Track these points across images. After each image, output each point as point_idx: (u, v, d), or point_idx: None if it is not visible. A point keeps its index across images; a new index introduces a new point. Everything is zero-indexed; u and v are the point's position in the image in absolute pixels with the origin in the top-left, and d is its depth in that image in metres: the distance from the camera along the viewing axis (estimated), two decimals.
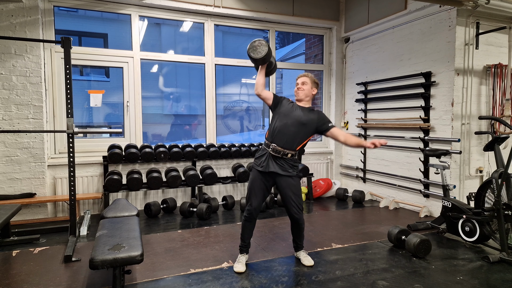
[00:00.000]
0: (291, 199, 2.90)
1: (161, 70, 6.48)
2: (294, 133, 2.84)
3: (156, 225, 4.26)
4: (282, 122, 2.85)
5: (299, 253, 3.16)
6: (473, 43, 4.32)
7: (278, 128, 2.85)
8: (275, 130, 2.85)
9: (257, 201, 2.91)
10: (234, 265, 2.98)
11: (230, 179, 5.18)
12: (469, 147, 4.43)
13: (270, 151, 2.84)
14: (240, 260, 3.00)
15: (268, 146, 2.87)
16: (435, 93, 4.52)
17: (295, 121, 2.84)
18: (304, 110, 2.91)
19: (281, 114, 2.88)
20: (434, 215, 4.53)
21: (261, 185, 2.90)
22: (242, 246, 3.06)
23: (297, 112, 2.88)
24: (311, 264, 3.03)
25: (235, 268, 2.93)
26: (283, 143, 2.82)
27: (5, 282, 2.73)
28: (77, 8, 4.91)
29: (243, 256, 3.04)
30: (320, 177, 6.16)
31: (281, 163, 2.85)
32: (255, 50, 2.87)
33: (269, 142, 2.88)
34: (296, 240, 3.14)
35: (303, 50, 7.40)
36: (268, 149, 2.87)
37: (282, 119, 2.86)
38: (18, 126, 4.27)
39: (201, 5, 5.13)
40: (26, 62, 4.27)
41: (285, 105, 2.92)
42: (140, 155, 4.70)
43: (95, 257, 2.18)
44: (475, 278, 2.80)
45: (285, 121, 2.84)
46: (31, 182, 4.37)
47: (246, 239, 3.03)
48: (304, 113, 2.88)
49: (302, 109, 2.92)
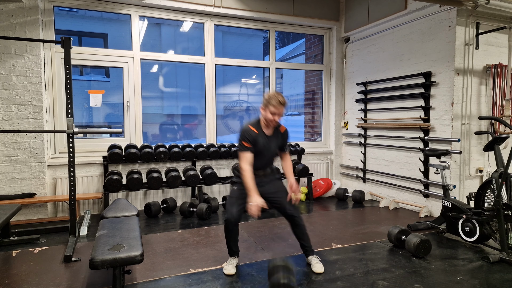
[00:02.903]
0: (284, 199, 2.94)
1: (161, 70, 6.48)
2: (270, 158, 3.00)
3: (156, 225, 4.26)
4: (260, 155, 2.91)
5: (311, 258, 3.03)
6: (473, 43, 4.32)
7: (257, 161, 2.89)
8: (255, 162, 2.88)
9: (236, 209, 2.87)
10: (224, 267, 2.95)
11: (230, 179, 5.18)
12: (469, 147, 4.43)
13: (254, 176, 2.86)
14: (231, 262, 2.98)
15: None
16: (435, 93, 4.52)
17: (270, 149, 2.95)
18: (273, 137, 2.95)
19: (258, 149, 2.88)
20: (434, 215, 4.53)
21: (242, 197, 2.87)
22: (229, 249, 3.02)
23: (269, 143, 2.93)
24: (321, 272, 2.92)
25: (225, 270, 2.90)
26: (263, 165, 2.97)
27: (5, 282, 2.73)
28: (77, 8, 4.91)
29: (234, 259, 3.01)
30: (320, 177, 6.16)
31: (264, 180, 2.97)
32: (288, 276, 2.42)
33: None
34: (302, 242, 3.03)
35: (303, 50, 7.40)
36: None
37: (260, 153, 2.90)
38: (18, 126, 4.27)
39: (201, 5, 5.13)
40: (26, 62, 4.27)
41: (258, 141, 2.87)
42: (140, 155, 4.70)
43: (95, 257, 2.18)
44: (475, 278, 2.80)
45: (263, 153, 2.92)
46: (31, 182, 4.37)
47: (230, 245, 2.98)
48: (274, 140, 2.96)
49: (272, 136, 2.95)
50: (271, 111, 2.78)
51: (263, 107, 2.85)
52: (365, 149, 5.75)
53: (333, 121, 6.32)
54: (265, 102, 2.81)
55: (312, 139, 6.81)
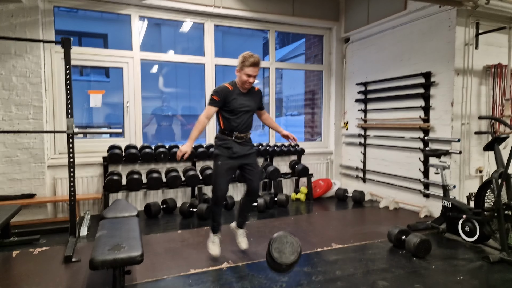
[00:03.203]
0: (256, 172, 3.18)
1: (161, 70, 6.48)
2: (248, 118, 3.13)
3: (156, 225, 4.26)
4: (239, 114, 3.04)
5: (241, 231, 3.33)
6: (473, 43, 4.32)
7: (236, 119, 3.05)
8: (233, 121, 3.04)
9: (226, 186, 3.11)
10: (210, 247, 3.15)
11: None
12: (469, 147, 4.43)
13: (234, 138, 3.06)
14: (215, 241, 3.18)
15: (231, 135, 3.06)
16: (435, 93, 4.52)
17: (248, 109, 3.09)
18: (249, 95, 3.10)
19: (235, 107, 3.01)
20: (434, 215, 4.52)
21: (228, 171, 3.08)
22: (215, 226, 3.20)
23: (246, 101, 3.06)
24: (245, 247, 3.28)
25: (212, 251, 3.12)
26: (242, 129, 3.09)
27: (5, 282, 2.73)
28: (77, 9, 4.92)
29: (216, 237, 3.21)
30: (320, 177, 6.16)
31: (245, 144, 3.13)
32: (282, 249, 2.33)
33: (229, 132, 3.06)
34: (243, 216, 3.31)
35: (303, 50, 7.40)
36: (231, 138, 3.07)
37: (238, 112, 3.03)
38: (18, 126, 4.26)
39: (201, 5, 5.12)
40: (26, 62, 4.27)
41: (232, 98, 2.99)
42: (140, 156, 4.70)
43: (95, 258, 2.18)
44: (475, 278, 2.80)
45: (241, 112, 3.05)
46: (31, 182, 4.37)
47: (218, 219, 3.22)
48: (250, 99, 3.10)
49: (247, 95, 3.09)
50: (246, 72, 2.91)
51: (238, 69, 2.97)
52: (365, 149, 5.75)
53: (333, 121, 6.32)
54: (240, 64, 2.93)
55: (312, 139, 6.81)
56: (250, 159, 3.14)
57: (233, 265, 3.06)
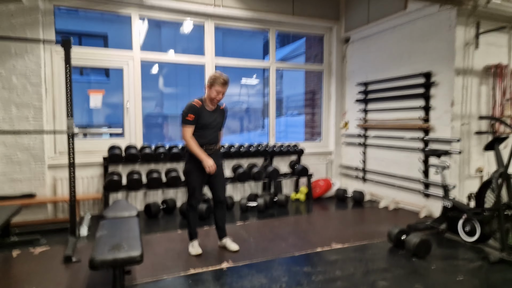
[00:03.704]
0: (222, 183, 3.39)
1: (161, 70, 6.48)
2: (215, 132, 3.36)
3: (156, 225, 4.26)
4: (207, 129, 3.28)
5: (225, 240, 3.45)
6: (473, 43, 4.32)
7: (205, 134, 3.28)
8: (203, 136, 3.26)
9: (201, 193, 3.37)
10: (190, 250, 3.30)
11: (229, 179, 5.18)
12: (469, 147, 4.43)
13: (205, 150, 3.25)
14: (195, 245, 3.34)
15: (201, 148, 3.24)
16: (435, 93, 4.51)
17: (215, 124, 3.33)
18: (216, 112, 3.33)
19: (204, 123, 3.25)
20: (434, 215, 4.52)
21: (201, 182, 3.32)
22: (192, 233, 3.37)
23: (214, 118, 3.31)
24: (237, 249, 3.38)
25: (194, 253, 3.27)
26: (212, 141, 3.32)
27: (5, 282, 2.74)
28: (77, 9, 4.91)
29: (196, 241, 3.37)
30: (319, 177, 6.15)
31: (215, 156, 3.32)
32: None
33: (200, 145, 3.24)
34: (220, 225, 3.44)
35: (303, 50, 7.40)
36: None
37: (207, 127, 3.27)
38: (18, 126, 4.26)
39: (201, 5, 5.12)
40: (26, 62, 4.27)
41: (202, 115, 3.23)
42: (140, 156, 4.70)
43: (95, 258, 2.18)
44: (475, 278, 2.80)
45: (209, 127, 3.29)
46: (31, 182, 4.37)
47: (194, 226, 3.38)
48: (217, 116, 3.34)
49: (215, 112, 3.32)
50: (216, 89, 3.17)
51: (209, 85, 3.20)
52: (365, 149, 5.75)
53: (333, 121, 6.32)
54: (211, 81, 3.18)
55: (312, 139, 6.81)
56: (218, 170, 3.32)
57: (233, 265, 3.06)
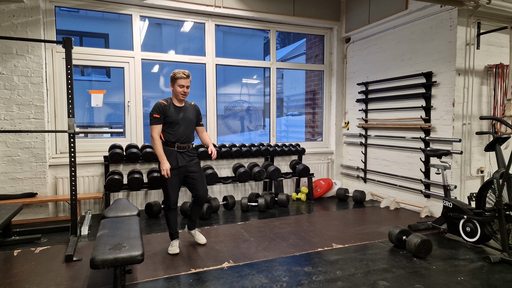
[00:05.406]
0: (201, 181, 3.37)
1: (162, 70, 6.49)
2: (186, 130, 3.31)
3: (156, 225, 4.26)
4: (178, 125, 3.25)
5: (194, 231, 3.55)
6: (474, 43, 4.31)
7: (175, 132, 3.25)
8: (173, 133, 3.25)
9: (177, 194, 3.34)
10: (169, 249, 3.31)
11: (230, 179, 5.18)
12: (470, 147, 4.43)
13: (177, 149, 3.26)
14: (174, 244, 3.35)
15: (173, 145, 3.26)
16: (436, 93, 4.51)
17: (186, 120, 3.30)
18: (185, 108, 3.31)
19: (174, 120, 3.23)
20: (435, 215, 4.52)
21: (176, 181, 3.29)
22: (172, 233, 3.39)
23: (183, 114, 3.28)
24: (205, 242, 3.52)
25: (172, 252, 3.28)
26: (183, 140, 3.29)
27: (6, 281, 2.74)
28: (78, 8, 4.92)
29: (176, 241, 3.39)
30: (320, 177, 6.16)
31: (188, 155, 3.33)
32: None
33: (171, 143, 3.26)
34: (194, 218, 3.50)
35: (304, 50, 7.40)
36: (174, 148, 3.27)
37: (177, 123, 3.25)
38: (19, 126, 4.28)
39: (202, 5, 5.13)
40: (27, 62, 4.28)
41: (169, 111, 3.22)
42: (141, 155, 4.71)
43: (96, 257, 2.18)
44: (476, 279, 2.80)
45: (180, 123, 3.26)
46: (33, 182, 4.38)
47: (175, 227, 3.39)
48: (186, 112, 3.31)
49: (184, 107, 3.31)
50: (179, 84, 3.17)
51: (171, 83, 3.22)
52: (366, 149, 5.75)
53: (333, 121, 6.32)
54: (173, 78, 3.20)
55: (313, 139, 6.81)
56: (193, 167, 3.34)
57: (234, 264, 3.07)
